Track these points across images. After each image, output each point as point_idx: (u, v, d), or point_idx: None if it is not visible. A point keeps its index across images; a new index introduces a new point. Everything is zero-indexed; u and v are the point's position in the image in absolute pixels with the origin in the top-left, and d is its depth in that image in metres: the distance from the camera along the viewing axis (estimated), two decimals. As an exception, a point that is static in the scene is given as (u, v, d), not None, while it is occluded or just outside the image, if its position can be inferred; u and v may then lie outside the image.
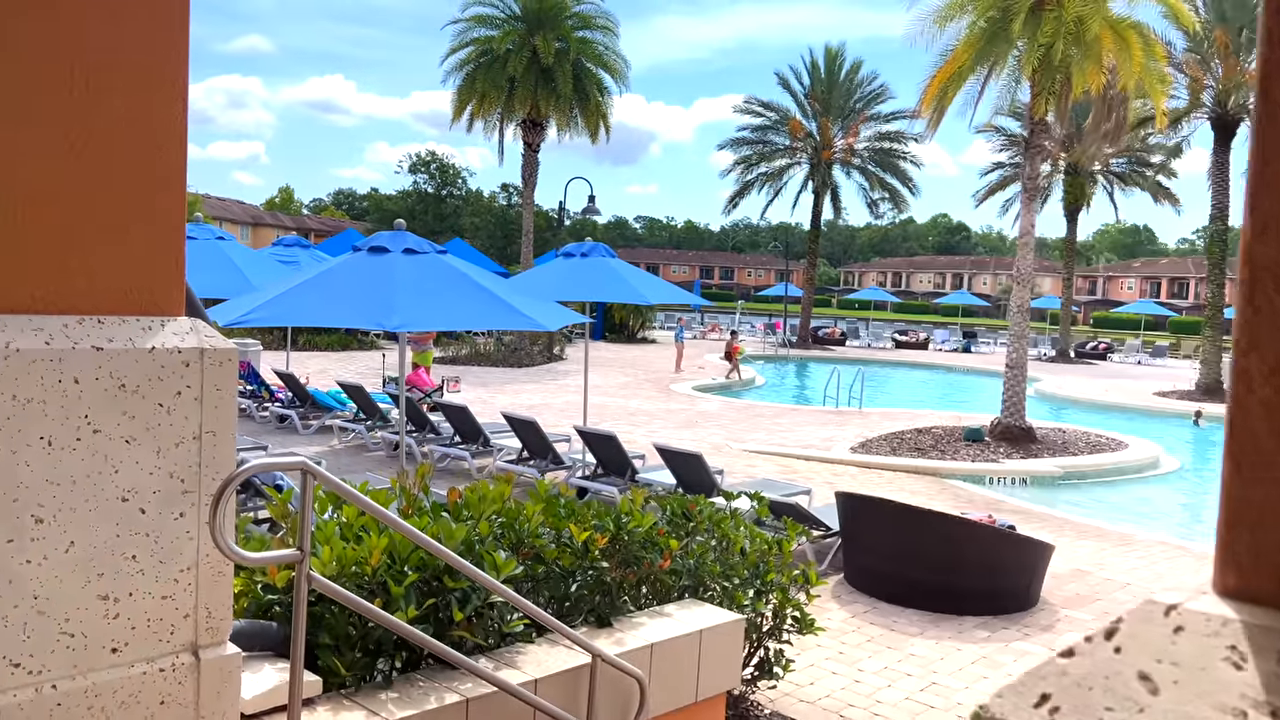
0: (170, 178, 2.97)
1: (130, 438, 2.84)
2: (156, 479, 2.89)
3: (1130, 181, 38.73)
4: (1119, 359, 42.88)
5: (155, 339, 2.90)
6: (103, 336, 2.81)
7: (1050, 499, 13.54)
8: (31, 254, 2.72)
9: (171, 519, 2.96)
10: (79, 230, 2.79)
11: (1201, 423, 22.65)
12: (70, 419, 2.74)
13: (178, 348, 2.93)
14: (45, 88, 2.77)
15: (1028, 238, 16.72)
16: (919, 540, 7.66)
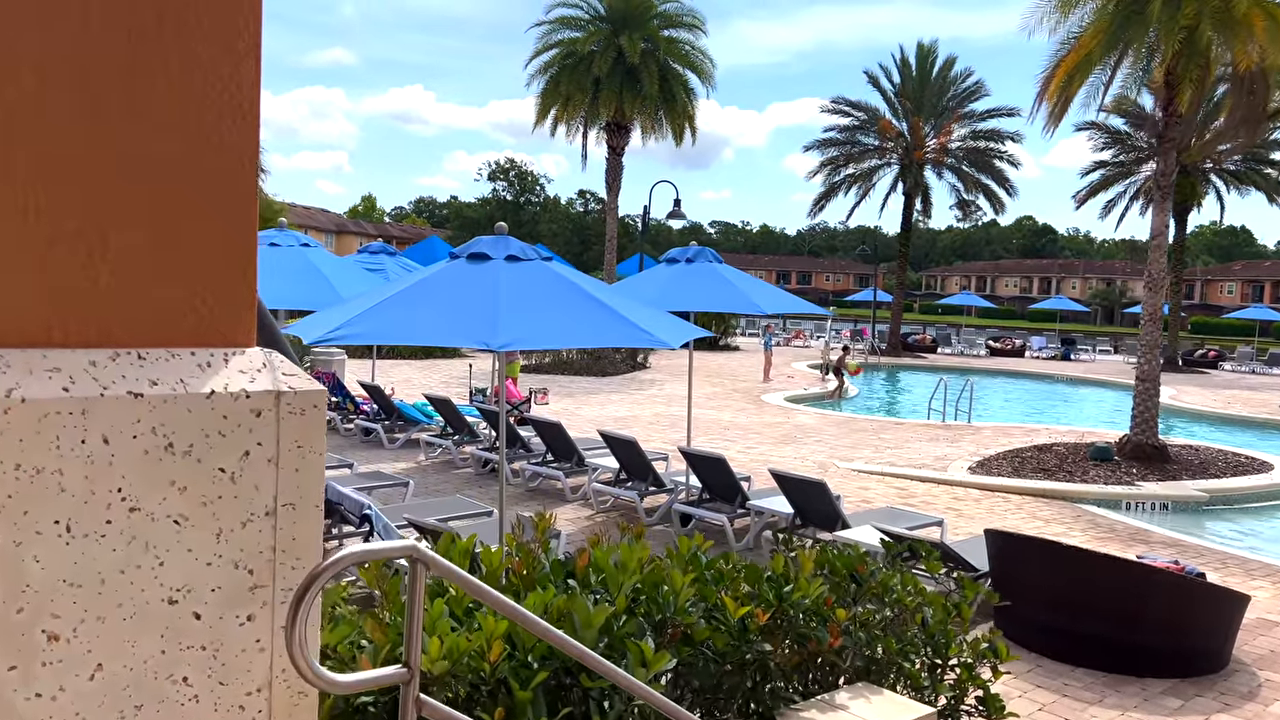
0: (240, 156, 2.19)
1: (181, 517, 2.07)
2: (216, 572, 2.11)
3: (1246, 180, 36.37)
4: (1230, 367, 40.39)
5: (215, 379, 2.12)
6: (143, 378, 2.04)
7: (1196, 527, 12.21)
8: (47, 262, 1.96)
9: (235, 625, 2.17)
10: (112, 225, 2.03)
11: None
12: (97, 494, 1.97)
13: (245, 391, 2.14)
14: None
15: (1160, 239, 15.33)
16: (1092, 589, 6.59)
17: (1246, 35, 13.49)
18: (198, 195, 2.11)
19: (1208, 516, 12.89)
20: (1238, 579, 9.25)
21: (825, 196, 38.86)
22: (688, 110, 26.71)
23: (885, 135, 37.43)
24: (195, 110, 2.09)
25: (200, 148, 2.10)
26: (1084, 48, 14.80)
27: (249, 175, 2.23)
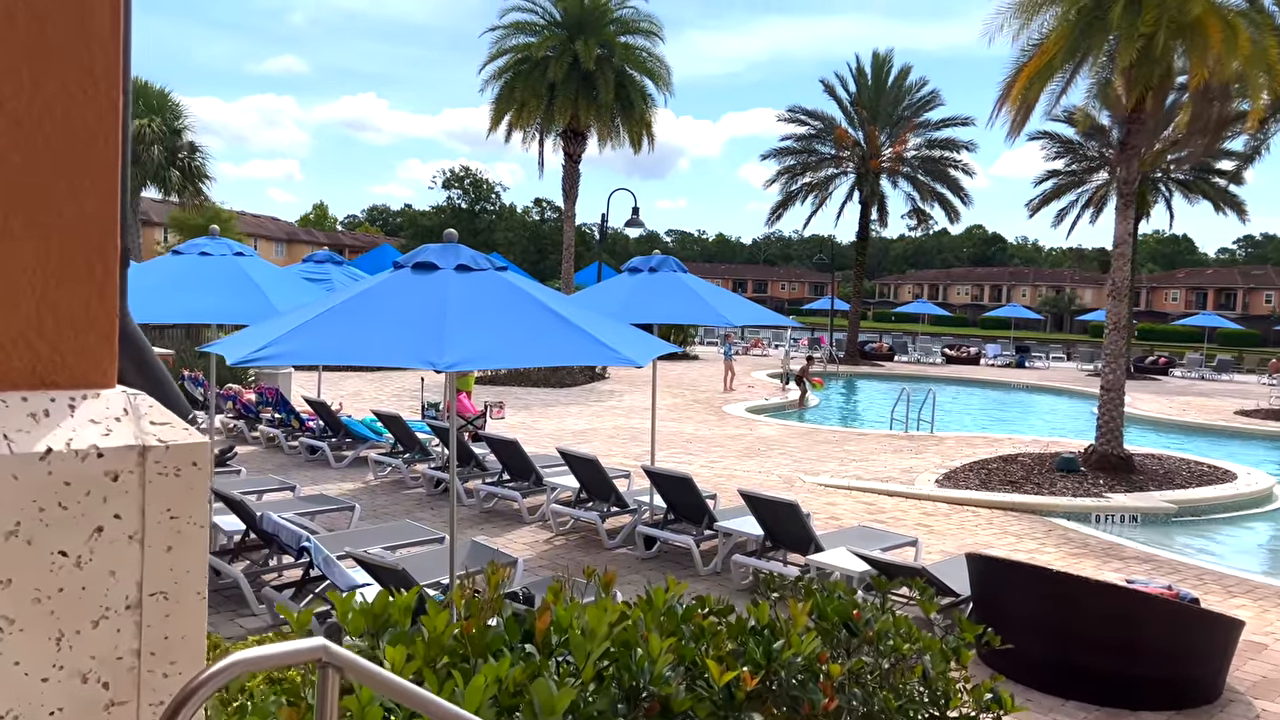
0: (93, 135, 1.69)
1: (3, 620, 1.56)
2: (55, 690, 1.61)
3: (1195, 189, 36.87)
4: (1181, 374, 40.92)
5: (55, 433, 1.61)
6: (-54, 436, 1.53)
7: (1167, 540, 12.00)
8: None
9: (86, 758, 1.66)
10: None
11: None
12: (-122, 599, 1.45)
13: (97, 447, 1.63)
14: None
15: (1124, 247, 15.21)
16: (1083, 617, 6.23)
17: (1203, 43, 13.40)
18: (30, 185, 1.60)
19: (1177, 528, 12.71)
20: (1217, 597, 8.99)
21: (782, 205, 38.72)
22: (645, 117, 26.31)
23: (841, 144, 37.38)
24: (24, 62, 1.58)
25: (28, 120, 1.59)
26: (1046, 54, 14.64)
27: (107, 162, 1.71)
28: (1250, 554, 12.24)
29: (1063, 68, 14.99)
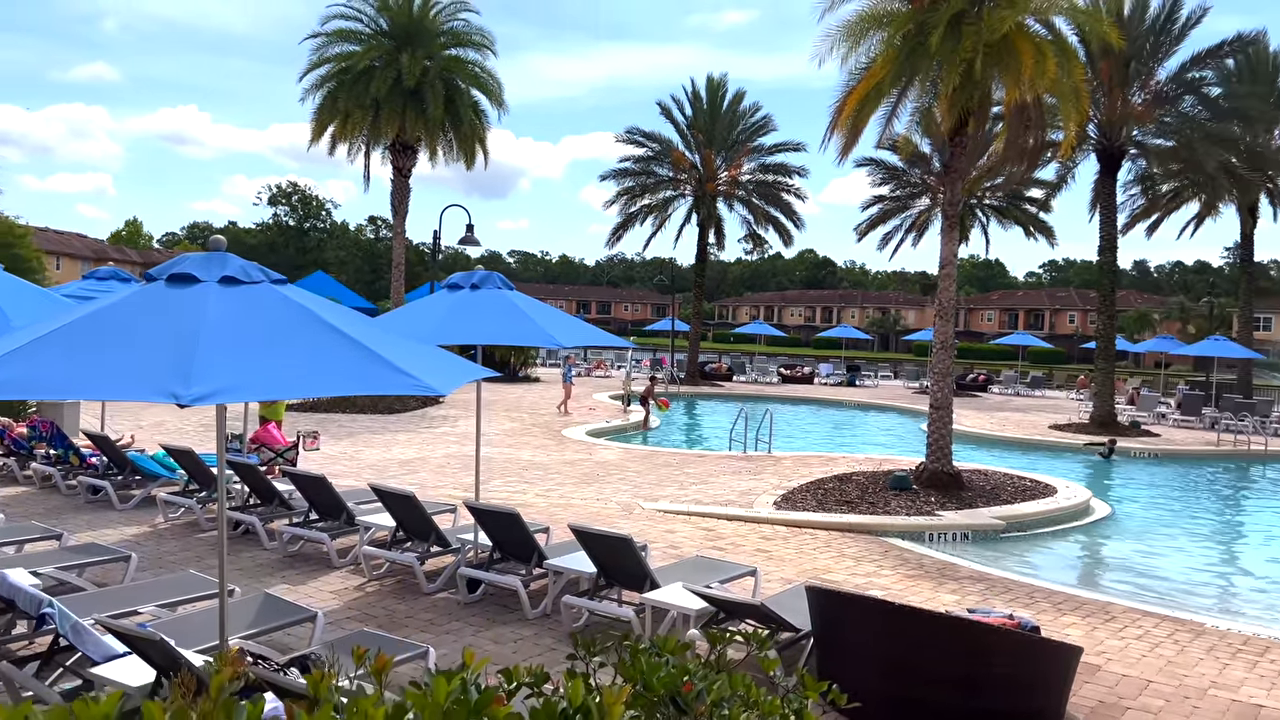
0: None
1: None
2: None
3: (1008, 215, 39.05)
4: (998, 390, 43.16)
5: None
6: None
7: (998, 557, 12.14)
8: None
9: None
10: None
11: (1107, 455, 22.09)
12: None
13: None
14: None
15: (950, 268, 15.55)
16: (927, 651, 5.90)
17: (1016, 66, 13.84)
18: None
19: (1006, 544, 12.91)
20: (1049, 616, 8.98)
21: (622, 226, 38.57)
22: (477, 132, 25.43)
23: (679, 167, 37.60)
24: None
25: None
26: (874, 77, 14.83)
27: None
28: (1074, 568, 12.55)
29: (890, 91, 15.23)
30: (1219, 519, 16.72)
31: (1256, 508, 18.08)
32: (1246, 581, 12.22)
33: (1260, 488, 20.10)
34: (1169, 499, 18.07)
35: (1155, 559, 13.01)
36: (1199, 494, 18.85)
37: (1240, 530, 15.93)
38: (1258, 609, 10.75)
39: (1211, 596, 11.43)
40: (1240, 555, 14.11)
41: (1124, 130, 25.20)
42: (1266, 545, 14.44)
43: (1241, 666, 7.77)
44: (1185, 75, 24.86)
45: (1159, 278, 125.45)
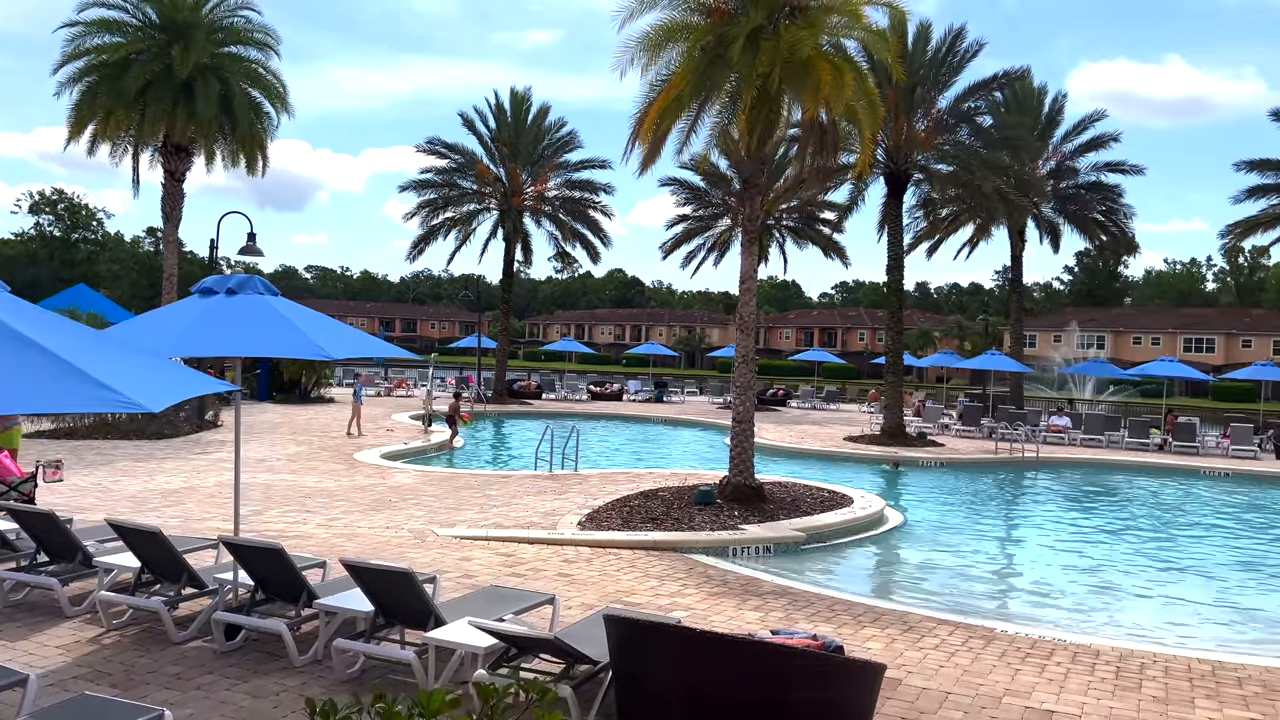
0: None
1: None
2: None
3: (804, 236, 40.52)
4: (796, 404, 44.67)
5: None
6: None
7: (799, 569, 12.12)
8: None
9: None
10: None
11: (895, 466, 22.98)
12: None
13: None
14: None
15: (750, 283, 15.62)
16: (730, 680, 5.49)
17: (814, 84, 14.05)
18: None
19: (807, 556, 12.93)
20: (850, 630, 8.89)
21: (424, 239, 37.24)
22: (257, 135, 23.65)
23: (483, 180, 36.73)
24: None
25: None
26: (674, 88, 14.69)
27: None
28: (872, 577, 12.71)
29: (690, 104, 15.14)
30: (1000, 523, 17.60)
31: (1031, 511, 19.20)
32: (1027, 583, 12.75)
33: (1034, 492, 21.44)
34: (954, 506, 18.91)
35: (945, 564, 13.41)
36: (981, 500, 19.85)
37: (1019, 533, 16.79)
38: (1040, 610, 11.17)
39: (997, 599, 11.81)
40: (1020, 557, 14.79)
41: (909, 155, 26.56)
42: (1042, 546, 15.24)
43: (1031, 671, 7.87)
44: (962, 105, 26.50)
45: (939, 299, 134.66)
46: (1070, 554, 14.50)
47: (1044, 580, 12.75)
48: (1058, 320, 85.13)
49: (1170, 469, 24.95)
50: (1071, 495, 20.86)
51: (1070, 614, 10.91)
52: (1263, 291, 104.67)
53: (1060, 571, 13.34)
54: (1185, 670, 8.11)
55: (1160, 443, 28.93)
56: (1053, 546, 15.16)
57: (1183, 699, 7.33)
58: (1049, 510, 19.03)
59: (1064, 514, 18.51)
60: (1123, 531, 16.60)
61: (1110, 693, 7.39)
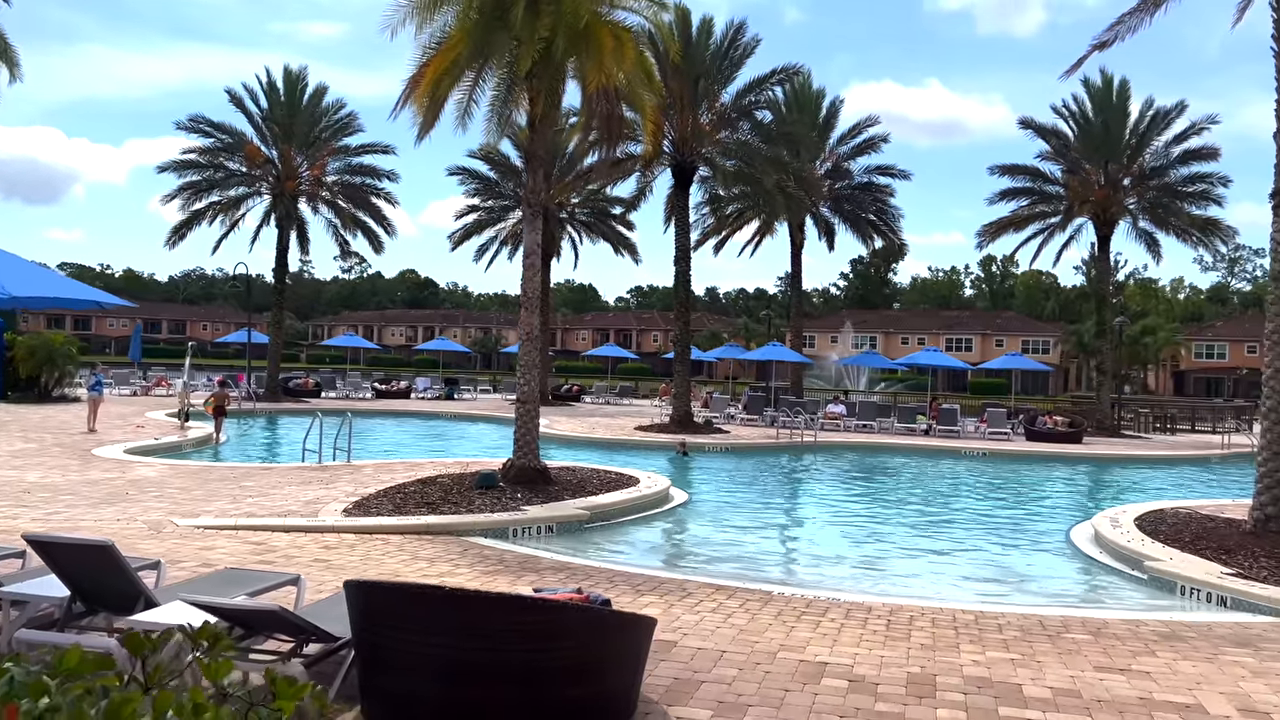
0: None
1: None
2: None
3: (595, 231, 40.50)
4: (591, 400, 44.62)
5: None
6: None
7: (582, 546, 11.69)
8: None
9: None
10: None
11: (683, 453, 23.08)
12: None
13: None
14: None
15: (534, 258, 15.06)
16: (483, 642, 4.90)
17: (597, 51, 13.73)
18: None
19: (591, 534, 12.52)
20: (628, 598, 8.50)
21: (186, 225, 34.32)
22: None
23: (253, 162, 34.30)
24: None
25: None
26: (452, 50, 13.96)
27: None
28: (656, 552, 12.44)
29: (470, 68, 14.45)
30: (780, 500, 17.91)
31: (810, 488, 19.72)
32: (806, 552, 12.91)
33: (812, 472, 22.09)
34: (738, 485, 19.13)
35: (727, 538, 13.37)
36: (763, 480, 20.21)
37: (798, 507, 17.13)
38: (816, 575, 11.25)
39: (777, 567, 11.84)
40: (799, 529, 15.03)
41: (695, 147, 26.90)
42: (820, 519, 15.57)
43: (806, 628, 7.75)
44: (744, 100, 27.11)
45: (727, 303, 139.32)
46: (846, 525, 14.87)
47: (822, 549, 12.93)
48: (834, 321, 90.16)
49: (935, 450, 26.50)
50: (846, 474, 21.66)
51: (846, 578, 11.04)
52: (1012, 298, 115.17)
53: (837, 540, 13.61)
54: (951, 620, 8.25)
55: (926, 428, 30.77)
56: (830, 519, 15.52)
57: (949, 644, 7.39)
58: (826, 487, 19.63)
59: (840, 490, 19.14)
60: (893, 504, 17.29)
61: (881, 643, 7.36)
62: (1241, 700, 6.19)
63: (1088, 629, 8.10)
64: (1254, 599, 9.13)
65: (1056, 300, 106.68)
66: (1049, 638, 7.72)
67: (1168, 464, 25.80)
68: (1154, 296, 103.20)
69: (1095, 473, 23.68)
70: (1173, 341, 73.84)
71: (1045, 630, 7.99)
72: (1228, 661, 7.16)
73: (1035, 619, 8.43)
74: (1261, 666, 7.04)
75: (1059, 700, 6.08)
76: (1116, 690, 6.33)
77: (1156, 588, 10.29)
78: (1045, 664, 6.92)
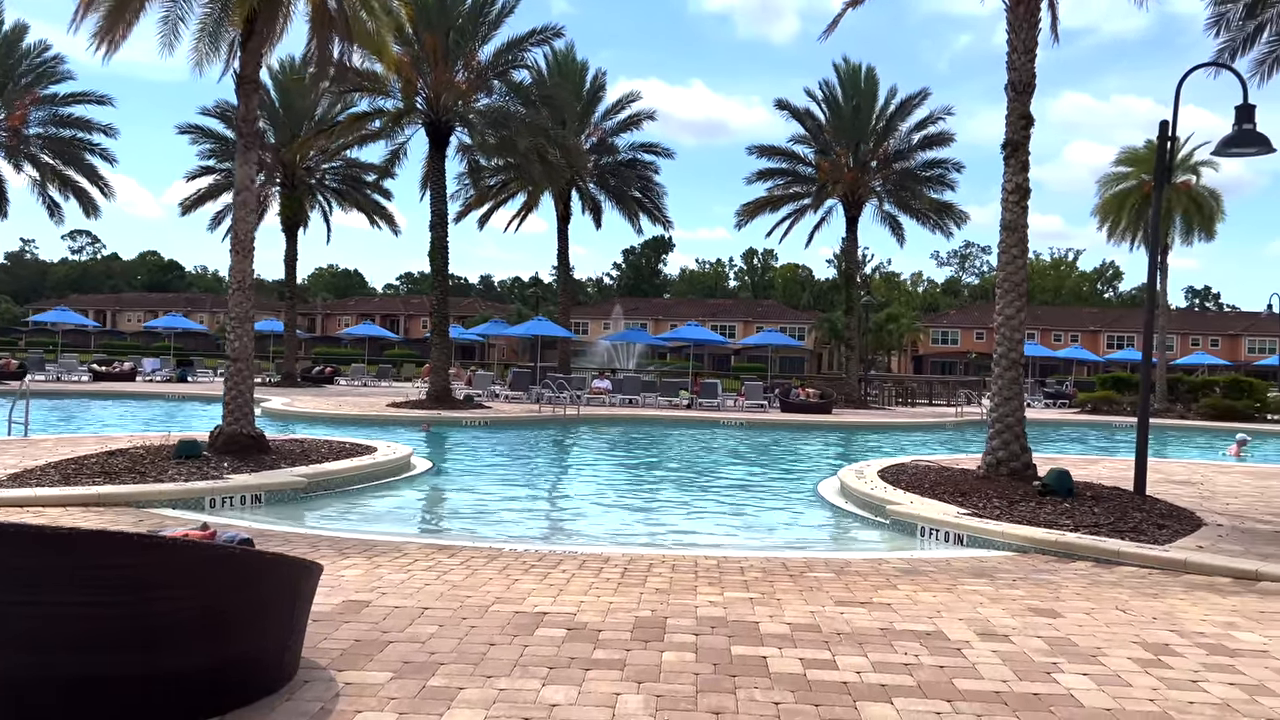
0: None
1: None
2: None
3: (349, 200, 37.98)
4: (345, 382, 42.04)
5: None
6: None
7: (298, 515, 10.23)
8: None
9: None
10: None
11: (429, 429, 21.64)
12: None
13: None
14: None
15: (246, 195, 13.24)
16: (58, 598, 3.57)
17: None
18: None
19: (310, 503, 11.04)
20: (327, 559, 7.24)
21: None
22: None
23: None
24: None
25: None
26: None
27: None
28: (384, 519, 11.11)
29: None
30: (534, 469, 16.95)
31: (567, 458, 18.91)
32: (551, 515, 12.01)
33: (572, 443, 21.32)
34: (492, 456, 18.01)
35: (471, 503, 12.29)
36: (519, 451, 19.19)
37: (552, 475, 16.23)
38: (560, 535, 10.38)
39: (518, 527, 10.84)
40: (547, 495, 14.12)
41: (450, 105, 25.44)
42: (572, 485, 14.77)
43: (532, 580, 6.81)
44: (503, 60, 25.91)
45: (501, 291, 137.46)
46: (599, 490, 14.14)
47: (568, 513, 12.10)
48: (606, 308, 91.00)
49: (696, 421, 26.54)
50: (606, 445, 21.07)
51: (593, 539, 10.24)
52: (772, 289, 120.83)
53: (588, 505, 12.84)
54: (692, 566, 7.58)
55: (688, 402, 30.92)
56: (582, 485, 14.76)
57: (686, 588, 6.68)
58: (583, 457, 18.91)
59: (597, 459, 18.46)
60: (650, 470, 16.79)
61: (613, 590, 6.54)
62: (980, 625, 5.83)
63: (831, 568, 7.67)
64: (988, 534, 9.11)
65: (811, 292, 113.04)
66: (791, 577, 7.19)
67: (908, 430, 27.12)
68: (897, 288, 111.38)
69: (844, 438, 24.43)
70: (913, 329, 79.67)
71: (788, 571, 7.47)
72: (966, 590, 6.88)
73: (779, 561, 7.93)
74: (998, 594, 6.80)
75: (797, 635, 5.46)
76: (857, 622, 5.81)
77: (898, 531, 10.17)
78: (785, 601, 6.34)
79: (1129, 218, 34.69)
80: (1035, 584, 7.21)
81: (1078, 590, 6.97)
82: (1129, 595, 6.83)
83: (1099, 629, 5.80)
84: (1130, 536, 8.89)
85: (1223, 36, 14.49)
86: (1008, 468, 11.97)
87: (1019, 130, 12.00)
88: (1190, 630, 5.83)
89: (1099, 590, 7.00)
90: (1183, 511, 10.45)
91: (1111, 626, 5.87)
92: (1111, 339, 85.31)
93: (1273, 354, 71.14)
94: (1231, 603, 6.66)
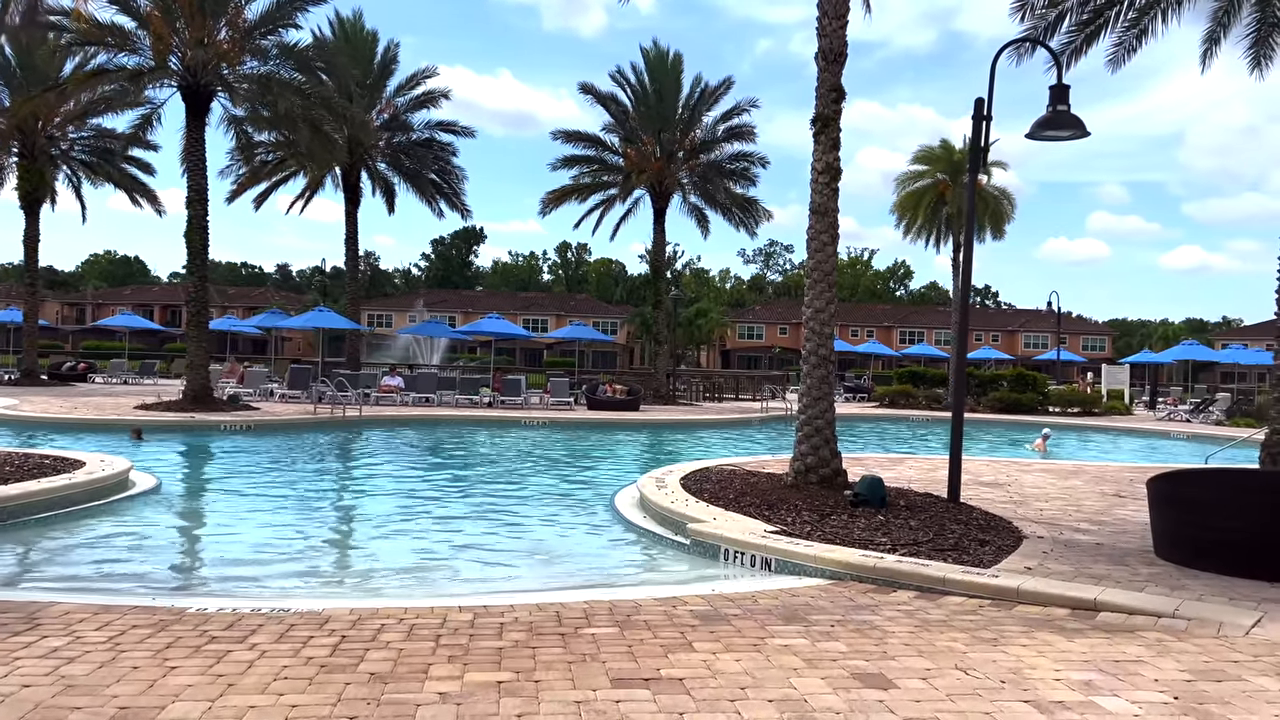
0: None
1: None
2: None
3: (99, 173, 33.58)
4: (102, 379, 37.42)
5: None
6: None
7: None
8: None
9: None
10: None
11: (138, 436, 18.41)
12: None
13: None
14: None
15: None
16: None
17: None
18: None
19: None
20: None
21: None
22: None
23: None
24: None
25: None
26: None
27: None
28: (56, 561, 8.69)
29: None
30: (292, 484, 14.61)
31: (334, 469, 16.63)
32: (293, 546, 9.88)
33: (347, 449, 19.03)
34: (241, 469, 15.50)
35: (188, 535, 10.05)
36: (278, 461, 16.73)
37: (310, 494, 13.97)
38: (290, 576, 8.36)
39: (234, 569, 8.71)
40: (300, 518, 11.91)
41: (211, 68, 22.41)
42: (329, 505, 12.69)
43: (196, 667, 4.89)
44: (276, 15, 23.09)
45: (300, 281, 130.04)
46: (362, 509, 12.16)
47: (316, 541, 10.03)
48: (411, 300, 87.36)
49: (496, 420, 24.72)
50: (387, 451, 18.89)
51: (329, 578, 8.31)
52: (586, 283, 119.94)
53: (345, 527, 10.86)
54: (438, 625, 5.86)
55: (489, 400, 29.03)
56: (346, 502, 12.71)
57: (415, 669, 4.95)
58: (356, 467, 16.70)
59: (372, 469, 16.29)
60: (432, 481, 14.86)
61: (307, 681, 4.71)
62: (795, 708, 4.42)
63: (615, 617, 6.14)
64: (799, 559, 7.86)
65: (624, 287, 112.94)
66: (562, 637, 5.60)
67: (715, 427, 26.34)
68: (706, 284, 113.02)
69: (651, 436, 23.29)
70: (721, 323, 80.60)
71: (561, 625, 5.88)
72: (777, 647, 5.50)
73: (553, 610, 6.33)
74: (815, 650, 5.45)
75: (548, 754, 3.85)
76: (636, 718, 4.26)
77: (700, 553, 8.81)
78: (546, 684, 4.72)
79: (925, 215, 35.50)
80: (857, 629, 5.94)
81: (906, 639, 5.74)
82: (965, 644, 5.66)
83: (943, 706, 4.52)
84: (953, 557, 7.88)
85: (1027, 22, 14.09)
86: (817, 475, 10.91)
87: (829, 104, 10.94)
88: (1047, 700, 4.64)
89: (931, 636, 5.80)
90: (1000, 521, 9.66)
91: (956, 700, 4.61)
92: (904, 334, 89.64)
93: (1048, 349, 76.66)
94: (1080, 648, 5.60)
